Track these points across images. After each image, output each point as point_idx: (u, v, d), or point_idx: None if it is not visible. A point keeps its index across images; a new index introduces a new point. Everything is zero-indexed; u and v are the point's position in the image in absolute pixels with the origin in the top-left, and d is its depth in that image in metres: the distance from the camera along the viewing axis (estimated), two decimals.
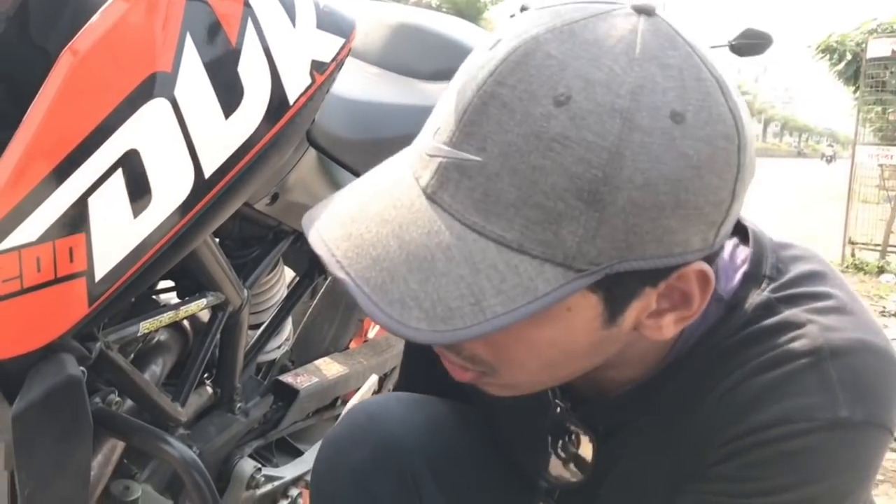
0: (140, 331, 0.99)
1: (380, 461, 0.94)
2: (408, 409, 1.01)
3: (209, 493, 0.90)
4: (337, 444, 0.98)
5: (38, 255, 0.69)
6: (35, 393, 0.75)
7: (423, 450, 0.96)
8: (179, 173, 0.77)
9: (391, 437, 0.96)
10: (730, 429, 0.69)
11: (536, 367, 0.67)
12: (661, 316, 0.65)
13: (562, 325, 0.62)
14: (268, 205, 1.17)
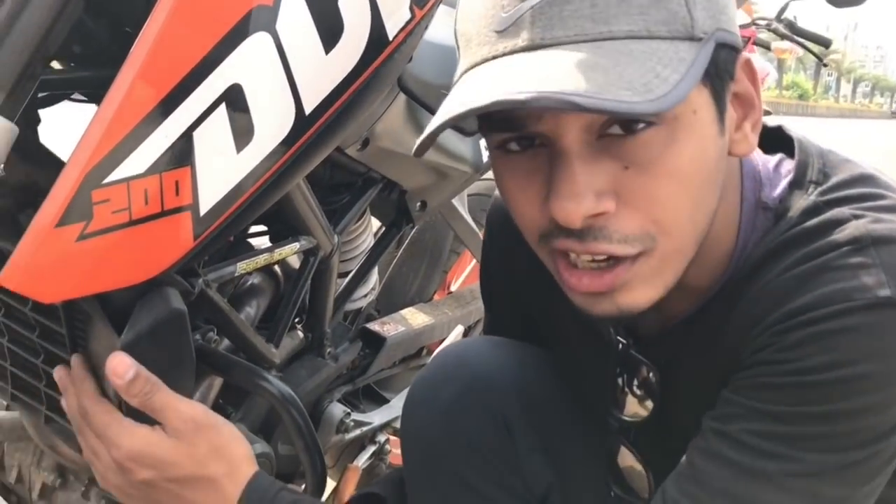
0: (237, 271, 1.01)
1: (470, 399, 0.95)
2: (496, 350, 1.02)
3: (306, 429, 0.92)
4: (427, 384, 0.99)
5: (145, 187, 0.70)
6: (142, 324, 0.76)
7: (513, 389, 0.97)
8: (281, 109, 0.77)
9: (481, 375, 0.97)
10: (770, 316, 0.70)
11: (685, 210, 0.68)
12: (741, 127, 0.72)
13: (694, 135, 0.66)
14: (358, 150, 1.17)
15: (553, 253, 0.72)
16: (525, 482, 0.95)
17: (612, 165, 0.66)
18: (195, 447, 0.78)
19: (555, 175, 0.67)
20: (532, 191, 0.70)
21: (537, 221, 0.71)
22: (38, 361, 0.87)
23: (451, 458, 0.94)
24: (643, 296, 0.70)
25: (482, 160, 1.45)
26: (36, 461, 1.08)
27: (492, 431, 0.95)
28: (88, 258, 0.68)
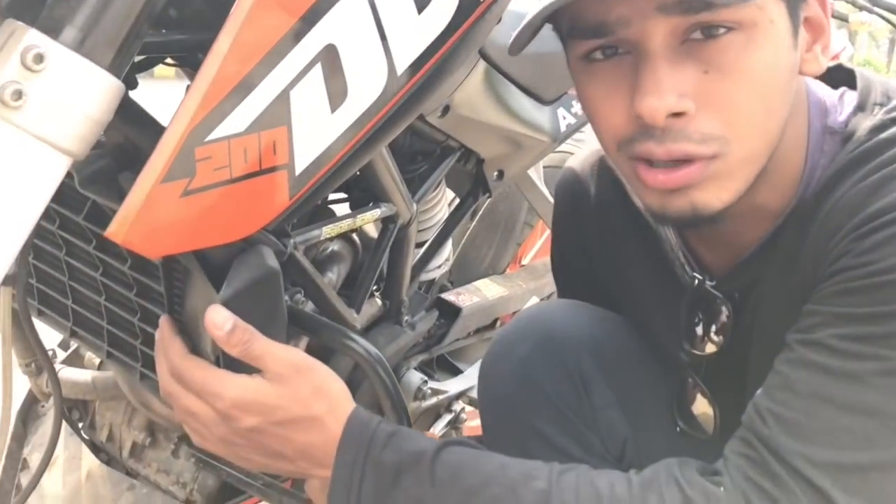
0: (322, 235, 1.02)
1: (545, 354, 0.97)
2: (571, 310, 1.05)
3: (393, 388, 0.93)
4: (504, 342, 1.01)
5: (244, 145, 0.71)
6: (240, 281, 0.78)
7: (588, 347, 0.98)
8: (374, 69, 0.78)
9: (556, 332, 0.99)
10: (846, 226, 0.71)
11: (759, 115, 0.72)
12: (812, 49, 0.76)
13: (770, 43, 0.71)
14: (439, 117, 1.17)
15: (632, 160, 0.76)
16: (602, 439, 0.97)
17: (694, 69, 0.71)
18: (297, 389, 0.79)
19: (640, 76, 0.71)
20: (616, 97, 0.74)
21: (619, 128, 0.75)
22: (134, 319, 0.89)
23: (528, 412, 0.96)
24: (716, 197, 0.74)
25: (559, 130, 1.45)
26: (126, 420, 1.12)
27: (568, 387, 0.96)
28: (191, 214, 0.70)
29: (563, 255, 1.17)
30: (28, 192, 0.64)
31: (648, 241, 0.96)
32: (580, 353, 0.97)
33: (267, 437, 0.79)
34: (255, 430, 0.78)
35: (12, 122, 0.62)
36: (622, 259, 1.02)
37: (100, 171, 0.81)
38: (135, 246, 0.68)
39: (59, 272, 0.95)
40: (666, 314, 0.96)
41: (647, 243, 0.97)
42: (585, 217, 1.06)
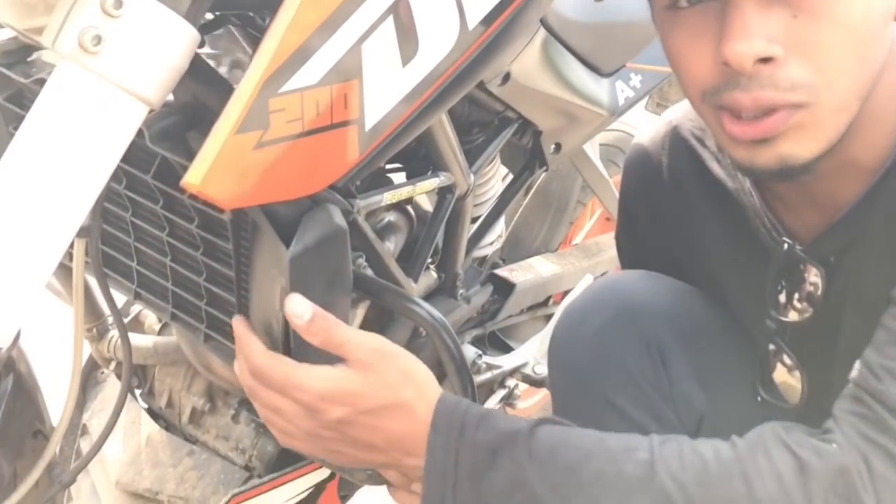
0: (384, 201, 1.01)
1: (622, 324, 0.95)
2: (648, 280, 1.02)
3: (457, 353, 0.92)
4: (577, 311, 0.99)
5: (317, 98, 0.71)
6: (309, 237, 0.77)
7: (666, 318, 0.96)
8: (445, 23, 0.77)
9: (634, 302, 0.97)
10: None
11: (850, 62, 0.70)
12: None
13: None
14: (499, 86, 1.16)
15: (717, 110, 0.75)
16: (677, 413, 0.94)
17: (783, 13, 0.69)
18: (384, 375, 0.77)
19: (728, 21, 0.69)
20: (702, 44, 0.73)
21: (705, 77, 0.74)
22: (200, 280, 0.89)
23: (602, 384, 0.94)
24: (805, 147, 0.72)
25: (618, 103, 1.43)
26: (186, 386, 1.12)
27: (645, 359, 0.94)
28: (264, 167, 0.69)
29: (634, 230, 1.14)
30: (106, 140, 0.64)
31: (727, 208, 0.94)
32: (658, 325, 0.95)
33: (356, 427, 0.77)
34: (344, 422, 0.76)
35: (91, 69, 0.62)
36: (699, 229, 0.99)
37: (169, 128, 0.81)
38: (209, 196, 0.67)
39: (125, 234, 0.95)
40: (747, 282, 0.94)
41: (726, 211, 0.95)
42: (658, 191, 1.04)
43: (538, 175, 1.45)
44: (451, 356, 0.92)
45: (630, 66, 1.44)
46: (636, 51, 1.44)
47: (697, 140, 0.99)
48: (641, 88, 1.48)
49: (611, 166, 1.75)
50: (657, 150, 1.04)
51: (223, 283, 0.89)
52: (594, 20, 1.30)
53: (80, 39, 0.61)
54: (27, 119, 0.63)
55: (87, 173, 0.64)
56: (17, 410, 0.90)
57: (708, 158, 0.97)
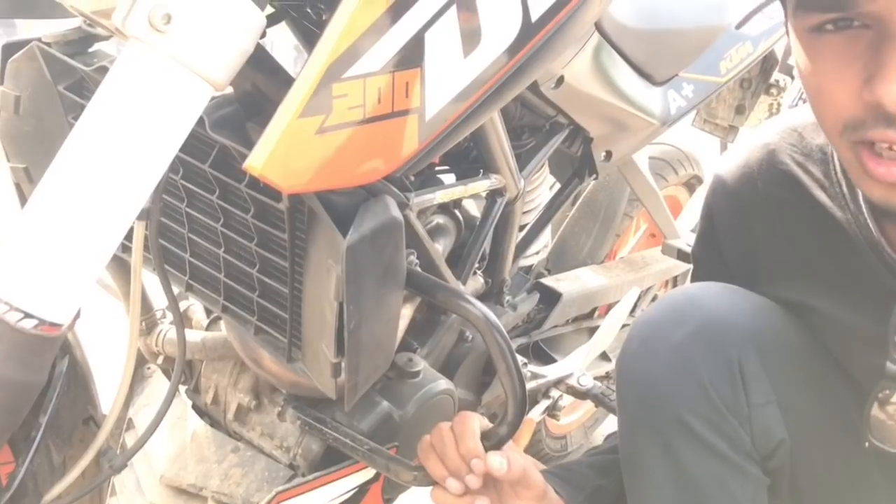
0: (436, 199, 1.01)
1: (703, 341, 0.90)
2: (730, 295, 0.96)
3: (509, 352, 0.91)
4: (655, 323, 0.94)
5: (379, 85, 0.71)
6: (366, 227, 0.77)
7: (749, 336, 0.91)
8: (507, 14, 0.76)
9: (717, 318, 0.91)
10: None
11: None
12: None
13: None
14: (552, 88, 1.15)
15: (856, 145, 0.71)
16: (753, 437, 0.90)
17: None
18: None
19: (883, 58, 0.65)
20: (847, 74, 0.69)
21: (848, 108, 0.70)
22: (253, 271, 0.89)
23: (676, 402, 0.89)
24: None
25: (669, 113, 1.41)
26: (233, 382, 1.12)
27: (725, 378, 0.89)
28: (326, 152, 0.69)
29: (719, 252, 1.07)
30: (172, 120, 0.64)
31: (834, 239, 0.89)
32: (741, 344, 0.90)
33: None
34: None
35: (160, 48, 0.62)
36: (798, 259, 0.95)
37: (228, 116, 0.81)
38: (270, 179, 0.67)
39: (179, 224, 0.95)
40: (855, 318, 0.89)
41: (831, 242, 0.90)
42: (753, 216, 0.99)
43: (587, 183, 1.44)
44: (503, 356, 0.90)
45: (683, 76, 1.43)
46: (690, 60, 1.42)
47: (799, 166, 0.94)
48: (694, 98, 1.46)
49: (658, 180, 1.74)
50: (751, 173, 0.99)
51: (276, 275, 0.89)
52: (648, 27, 1.29)
53: (150, 18, 0.61)
54: (94, 99, 0.64)
55: (151, 153, 0.64)
56: (70, 395, 0.90)
57: (812, 186, 0.92)
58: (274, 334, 0.92)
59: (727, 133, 1.87)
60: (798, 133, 0.96)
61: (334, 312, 0.79)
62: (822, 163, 0.92)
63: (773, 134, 0.98)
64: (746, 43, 1.53)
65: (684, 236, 1.72)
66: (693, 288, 0.98)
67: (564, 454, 1.95)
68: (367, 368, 0.87)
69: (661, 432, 0.90)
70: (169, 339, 1.15)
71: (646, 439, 0.91)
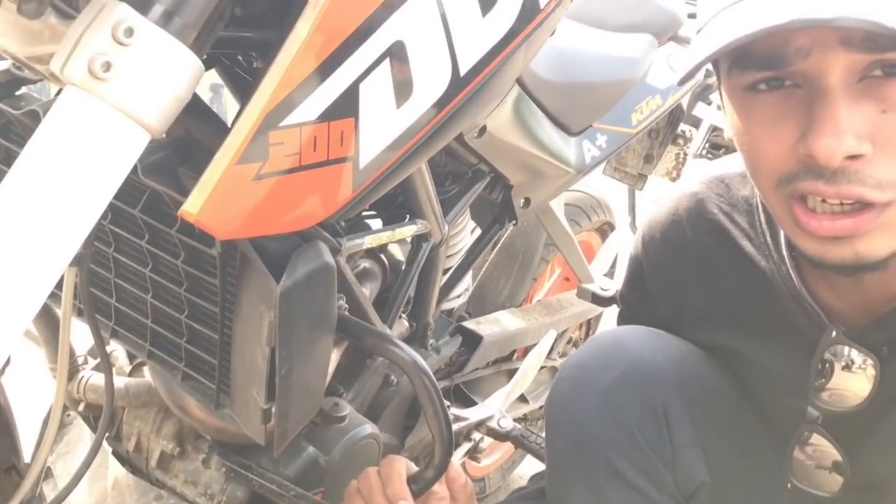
0: (365, 244, 1.02)
1: (631, 385, 0.92)
2: (656, 339, 0.99)
3: (437, 396, 0.92)
4: (583, 367, 0.96)
5: (315, 134, 0.72)
6: (299, 273, 0.78)
7: (673, 380, 0.94)
8: (438, 68, 0.79)
9: (643, 362, 0.94)
10: None
11: None
12: None
13: None
14: (475, 137, 1.18)
15: (789, 198, 0.73)
16: (676, 479, 0.92)
17: (872, 108, 0.68)
18: None
19: (815, 113, 0.68)
20: (781, 131, 0.72)
21: (782, 164, 0.73)
22: (181, 317, 0.89)
23: (604, 444, 0.91)
24: (885, 245, 0.71)
25: (584, 162, 1.47)
26: (156, 429, 1.10)
27: (650, 421, 0.91)
28: (262, 199, 0.70)
29: (646, 297, 1.09)
30: (108, 166, 0.64)
31: (758, 287, 0.93)
32: (667, 388, 0.93)
33: None
34: None
35: (98, 95, 0.62)
36: (724, 306, 0.98)
37: (160, 161, 0.81)
38: (207, 225, 0.68)
39: (105, 269, 0.94)
40: (777, 364, 0.92)
41: (755, 290, 0.93)
42: (681, 263, 1.02)
43: (507, 229, 1.47)
44: (430, 400, 0.92)
45: (597, 127, 1.49)
46: (603, 112, 1.48)
47: (726, 215, 0.97)
48: (607, 148, 1.52)
49: (573, 226, 1.79)
50: (680, 221, 1.02)
51: (205, 321, 0.88)
52: (565, 80, 1.34)
53: (89, 65, 0.61)
54: (29, 144, 0.63)
55: (87, 200, 0.64)
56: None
57: (738, 236, 0.95)
58: (202, 380, 0.92)
59: (636, 181, 1.94)
60: (725, 184, 0.99)
61: (266, 358, 0.80)
62: (747, 213, 0.95)
63: (701, 184, 1.02)
64: (656, 96, 1.60)
65: (598, 280, 1.77)
66: (620, 332, 1.00)
67: (483, 496, 1.96)
68: (297, 414, 0.88)
69: (589, 474, 0.92)
70: (91, 386, 1.12)
71: (574, 480, 0.93)
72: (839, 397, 0.87)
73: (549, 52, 1.30)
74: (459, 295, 1.54)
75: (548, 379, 1.85)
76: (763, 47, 0.70)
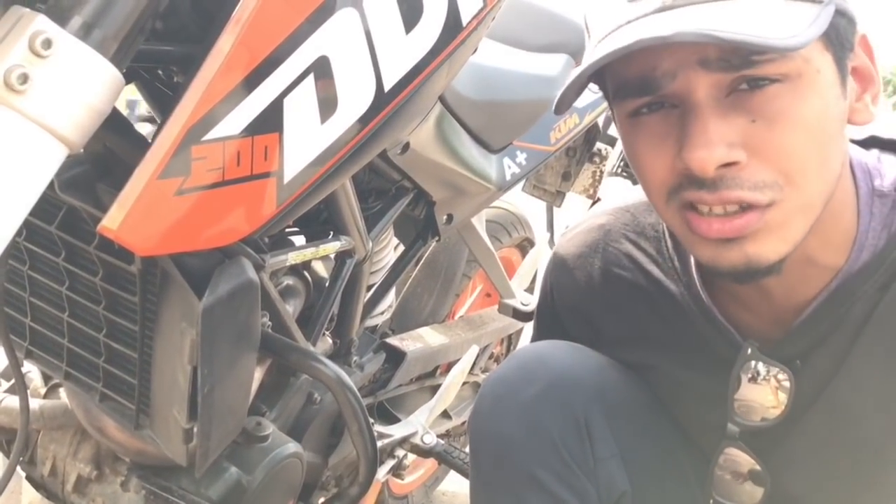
0: (288, 260, 1.02)
1: (552, 399, 0.93)
2: (576, 353, 1.00)
3: (361, 412, 0.92)
4: (505, 381, 0.97)
5: (238, 148, 0.72)
6: (222, 289, 0.77)
7: (594, 393, 0.95)
8: (362, 83, 0.80)
9: (564, 376, 0.95)
10: None
11: (812, 162, 0.72)
12: (861, 98, 0.78)
13: (818, 92, 0.72)
14: (399, 154, 1.19)
15: (682, 209, 0.77)
16: (598, 489, 0.94)
17: (741, 119, 0.72)
18: None
19: (687, 128, 0.72)
20: (664, 148, 0.76)
21: (667, 178, 0.77)
22: (99, 336, 0.87)
23: (528, 458, 0.92)
24: (773, 248, 0.74)
25: (505, 179, 1.49)
26: (72, 452, 1.07)
27: (572, 433, 0.93)
28: (184, 214, 0.69)
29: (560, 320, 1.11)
30: (24, 181, 0.63)
31: (670, 311, 0.95)
32: (588, 401, 0.94)
33: None
34: None
35: (15, 107, 0.61)
36: (639, 332, 0.99)
37: (78, 177, 0.80)
38: (127, 241, 0.67)
39: (20, 288, 0.91)
40: (694, 383, 0.94)
41: (668, 314, 0.96)
42: (591, 294, 1.04)
43: (430, 245, 1.48)
44: (355, 417, 0.92)
45: (516, 144, 1.51)
46: (523, 130, 1.51)
47: (633, 244, 1.00)
48: (527, 165, 1.54)
49: (494, 241, 1.80)
50: (589, 253, 1.05)
51: (124, 339, 0.86)
52: (485, 98, 1.36)
53: (5, 78, 0.60)
54: None
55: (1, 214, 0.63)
56: None
57: (646, 262, 0.98)
58: (121, 401, 0.89)
59: (555, 198, 1.98)
60: (630, 213, 1.02)
61: (187, 377, 0.79)
62: (654, 240, 0.98)
63: (607, 216, 1.05)
64: (573, 115, 1.63)
65: (519, 296, 1.79)
66: (541, 346, 1.01)
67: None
68: (220, 433, 0.86)
69: (514, 487, 0.93)
70: (3, 409, 1.08)
71: (498, 494, 0.94)
72: (747, 409, 0.89)
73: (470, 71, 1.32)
74: (383, 312, 1.54)
75: (470, 395, 1.86)
76: (635, 74, 0.75)
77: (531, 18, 1.62)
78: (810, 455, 0.88)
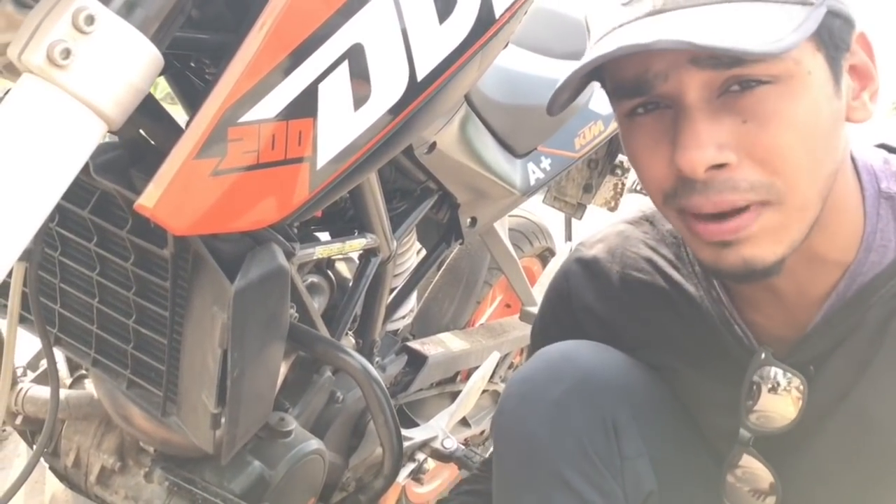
0: (316, 254, 1.02)
1: (580, 398, 0.93)
2: (604, 353, 0.99)
3: (387, 405, 0.92)
4: (531, 381, 0.96)
5: (273, 132, 0.72)
6: (254, 274, 0.78)
7: (621, 393, 0.95)
8: (396, 72, 0.80)
9: (591, 374, 0.95)
10: None
11: (804, 162, 0.72)
12: (859, 96, 0.77)
13: (809, 93, 0.71)
14: (425, 153, 1.19)
15: (681, 212, 0.77)
16: (625, 489, 0.93)
17: (732, 120, 0.71)
18: None
19: (679, 130, 0.72)
20: (659, 150, 0.76)
21: (663, 181, 0.77)
22: (129, 322, 0.87)
23: (555, 457, 0.91)
24: (769, 250, 0.74)
25: (529, 184, 1.49)
26: (96, 443, 1.07)
27: (599, 433, 0.92)
28: (219, 195, 0.70)
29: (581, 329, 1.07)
30: (64, 155, 0.63)
31: (690, 315, 0.95)
32: (615, 399, 0.94)
33: None
34: None
35: (57, 82, 0.61)
36: (659, 334, 0.99)
37: (113, 160, 0.80)
38: (162, 219, 0.67)
39: (50, 274, 0.92)
40: (713, 388, 0.94)
41: (687, 318, 0.95)
42: (612, 298, 1.03)
43: (453, 248, 1.48)
44: (381, 408, 0.92)
45: (541, 150, 1.51)
46: (548, 135, 1.51)
47: (653, 250, 1.00)
48: (551, 171, 1.54)
49: (515, 250, 1.81)
50: (608, 259, 1.04)
51: (154, 325, 0.87)
52: (511, 102, 1.37)
53: (48, 52, 0.61)
54: None
55: (41, 189, 0.63)
56: None
57: (666, 266, 0.98)
58: (148, 388, 0.90)
59: (576, 210, 1.98)
60: (649, 222, 1.03)
61: (217, 361, 0.79)
62: (673, 245, 0.99)
63: (626, 224, 1.05)
64: (598, 122, 1.64)
65: None
66: (567, 346, 1.00)
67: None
68: (247, 419, 0.86)
69: (540, 487, 0.92)
70: (30, 398, 1.09)
71: (524, 494, 0.93)
72: (766, 419, 0.89)
73: (497, 75, 1.33)
74: (404, 315, 1.53)
75: (489, 403, 1.86)
76: (630, 75, 0.75)
77: (557, 27, 1.63)
78: (828, 463, 0.86)
